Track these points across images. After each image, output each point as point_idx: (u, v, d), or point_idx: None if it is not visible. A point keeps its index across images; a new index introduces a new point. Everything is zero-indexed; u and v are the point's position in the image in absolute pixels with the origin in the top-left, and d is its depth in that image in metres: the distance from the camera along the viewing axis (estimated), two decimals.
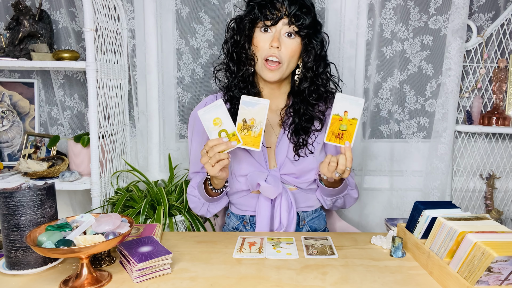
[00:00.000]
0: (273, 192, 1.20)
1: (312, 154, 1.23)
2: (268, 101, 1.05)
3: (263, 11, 1.13)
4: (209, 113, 1.05)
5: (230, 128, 1.06)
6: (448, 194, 1.73)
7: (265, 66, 1.17)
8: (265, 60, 1.16)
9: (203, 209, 1.28)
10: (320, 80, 1.22)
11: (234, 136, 1.06)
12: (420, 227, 0.99)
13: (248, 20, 1.16)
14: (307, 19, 1.14)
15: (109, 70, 1.52)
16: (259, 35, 1.16)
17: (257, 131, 1.07)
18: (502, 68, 1.65)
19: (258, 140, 1.07)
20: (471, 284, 0.76)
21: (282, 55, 1.15)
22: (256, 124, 1.06)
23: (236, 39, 1.19)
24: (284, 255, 1.00)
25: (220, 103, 1.05)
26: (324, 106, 1.25)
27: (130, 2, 1.66)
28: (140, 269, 0.86)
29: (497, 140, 1.73)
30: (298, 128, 1.22)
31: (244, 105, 1.06)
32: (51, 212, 0.94)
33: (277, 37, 1.14)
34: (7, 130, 1.70)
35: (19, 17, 1.54)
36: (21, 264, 0.91)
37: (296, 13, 1.12)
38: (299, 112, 1.22)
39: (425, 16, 1.64)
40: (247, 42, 1.19)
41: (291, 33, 1.15)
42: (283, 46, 1.15)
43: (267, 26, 1.14)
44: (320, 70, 1.21)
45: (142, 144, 1.76)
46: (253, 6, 1.15)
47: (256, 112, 1.06)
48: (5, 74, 1.76)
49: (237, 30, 1.20)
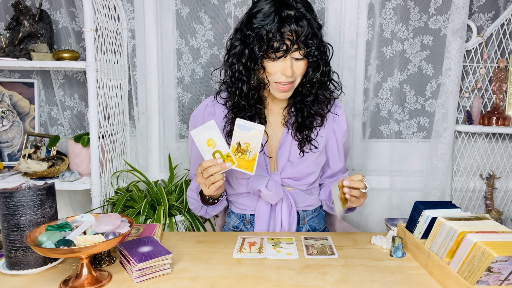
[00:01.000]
0: (274, 199, 1.20)
1: (317, 149, 1.23)
2: (263, 127, 1.02)
3: (272, 43, 1.07)
4: (202, 134, 1.03)
5: (224, 150, 1.04)
6: (448, 194, 1.73)
7: (277, 88, 1.14)
8: (277, 83, 1.13)
9: (202, 211, 1.29)
10: (323, 91, 1.20)
11: (229, 158, 1.05)
12: (420, 227, 0.99)
13: (259, 54, 1.10)
14: (315, 43, 1.09)
15: (109, 70, 1.52)
16: (270, 63, 1.11)
17: (251, 156, 1.04)
18: (502, 68, 1.65)
19: (252, 164, 1.04)
20: (471, 284, 0.76)
21: (294, 77, 1.13)
22: (250, 148, 1.04)
23: (248, 65, 1.13)
24: (284, 255, 1.00)
25: (213, 124, 1.02)
26: (325, 108, 1.25)
27: (130, 2, 1.66)
28: (140, 269, 0.86)
29: (497, 140, 1.73)
30: (302, 125, 1.21)
31: (239, 128, 1.03)
32: (51, 212, 0.94)
33: (289, 65, 1.09)
34: (7, 130, 1.70)
35: (19, 17, 1.54)
36: (21, 264, 0.91)
37: (304, 40, 1.07)
38: (302, 112, 1.22)
39: (425, 16, 1.64)
40: (257, 70, 1.14)
41: (300, 58, 1.11)
42: (294, 69, 1.11)
43: (277, 57, 1.09)
44: (323, 81, 1.18)
45: (142, 144, 1.76)
46: (256, 39, 1.09)
47: (250, 136, 1.03)
48: (5, 74, 1.76)
49: (249, 57, 1.12)
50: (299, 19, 1.07)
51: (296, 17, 1.06)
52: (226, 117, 1.23)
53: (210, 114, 1.27)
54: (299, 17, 1.07)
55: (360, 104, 1.69)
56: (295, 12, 1.07)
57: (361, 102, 1.69)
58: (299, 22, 1.06)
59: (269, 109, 1.26)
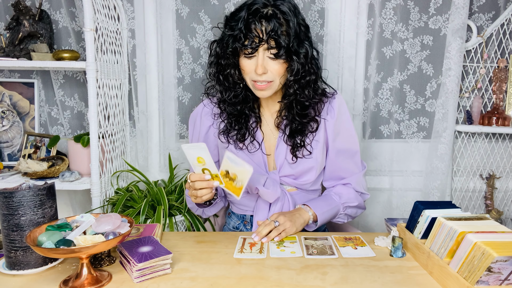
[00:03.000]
0: (272, 196, 1.20)
1: (310, 155, 1.22)
2: (252, 168, 0.99)
3: (241, 41, 1.09)
4: (193, 150, 1.03)
5: (213, 170, 1.05)
6: (448, 194, 1.73)
7: (255, 87, 1.14)
8: (254, 81, 1.14)
9: (199, 211, 1.30)
10: (306, 92, 1.17)
11: (217, 177, 1.05)
12: (420, 227, 0.99)
13: (230, 51, 1.12)
14: (285, 41, 1.07)
15: (109, 70, 1.52)
16: (244, 60, 1.12)
17: (239, 185, 1.03)
18: (502, 68, 1.65)
19: (239, 191, 1.04)
20: (471, 284, 0.76)
21: (271, 75, 1.12)
22: (238, 180, 1.03)
23: (222, 63, 1.16)
24: (288, 254, 1.01)
25: (203, 146, 1.01)
26: (316, 110, 1.22)
27: (130, 2, 1.65)
28: (140, 269, 0.86)
29: (497, 140, 1.73)
30: (293, 130, 1.20)
31: (228, 159, 1.02)
32: (51, 212, 0.94)
33: (260, 63, 1.09)
34: (7, 130, 1.70)
35: (19, 17, 1.54)
36: (21, 264, 0.91)
37: (273, 37, 1.06)
38: (291, 114, 1.20)
39: (425, 16, 1.64)
40: (232, 68, 1.15)
41: (272, 57, 1.10)
42: (268, 68, 1.10)
43: (248, 54, 1.10)
44: (305, 82, 1.15)
45: (142, 144, 1.76)
46: (230, 36, 1.11)
47: (239, 171, 1.02)
48: (5, 74, 1.76)
49: (222, 54, 1.15)
50: (270, 16, 1.07)
51: (267, 15, 1.07)
52: (219, 116, 1.25)
53: (208, 114, 1.29)
54: (270, 15, 1.07)
55: (360, 104, 1.69)
56: (269, 9, 1.08)
57: (361, 102, 1.69)
58: (269, 19, 1.06)
59: (264, 108, 1.27)
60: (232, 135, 1.23)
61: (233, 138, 1.23)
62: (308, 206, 1.20)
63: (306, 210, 1.19)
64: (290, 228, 1.12)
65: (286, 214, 1.15)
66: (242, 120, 1.22)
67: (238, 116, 1.22)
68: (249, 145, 1.22)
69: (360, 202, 1.29)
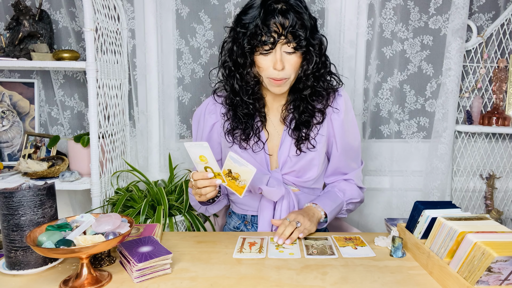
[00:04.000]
0: (276, 195, 1.20)
1: (314, 149, 1.22)
2: (255, 169, 1.00)
3: (258, 37, 1.09)
4: (196, 149, 1.03)
5: (216, 169, 1.05)
6: (448, 194, 1.73)
7: (271, 83, 1.15)
8: (270, 78, 1.14)
9: (202, 209, 1.29)
10: (321, 84, 1.19)
11: (219, 176, 1.05)
12: (420, 227, 0.99)
13: (248, 49, 1.11)
14: (303, 33, 1.08)
15: (109, 70, 1.52)
16: (260, 57, 1.12)
17: (241, 184, 1.04)
18: (502, 68, 1.65)
19: (241, 190, 1.05)
20: (471, 284, 0.76)
21: (287, 72, 1.12)
22: (240, 179, 1.04)
23: (239, 62, 1.15)
24: (286, 255, 1.01)
25: (205, 145, 1.01)
26: (325, 102, 1.23)
27: (130, 2, 1.66)
28: (140, 269, 0.86)
29: (497, 140, 1.73)
30: (299, 123, 1.21)
31: (231, 159, 1.02)
32: (51, 212, 0.94)
33: (279, 58, 1.10)
34: (7, 130, 1.70)
35: (19, 17, 1.54)
36: (21, 264, 0.91)
37: (291, 31, 1.07)
38: (299, 108, 1.21)
39: (425, 16, 1.64)
40: (249, 66, 1.15)
41: (290, 51, 1.11)
42: (286, 64, 1.11)
43: (266, 51, 1.10)
44: (320, 74, 1.18)
45: (142, 144, 1.76)
46: (244, 34, 1.11)
47: (242, 171, 1.02)
48: (5, 74, 1.76)
49: (240, 53, 1.14)
50: (286, 11, 1.07)
51: (282, 10, 1.07)
52: (225, 115, 1.24)
53: (212, 112, 1.28)
54: (285, 10, 1.07)
55: (360, 104, 1.69)
56: (282, 5, 1.08)
57: (361, 102, 1.69)
58: (285, 14, 1.07)
59: (269, 107, 1.27)
60: (237, 134, 1.23)
61: (237, 138, 1.23)
62: (317, 204, 1.21)
63: (317, 208, 1.20)
64: (311, 226, 1.12)
65: (303, 214, 1.15)
66: (249, 119, 1.23)
67: (247, 116, 1.22)
68: (254, 145, 1.23)
69: (362, 197, 1.32)
